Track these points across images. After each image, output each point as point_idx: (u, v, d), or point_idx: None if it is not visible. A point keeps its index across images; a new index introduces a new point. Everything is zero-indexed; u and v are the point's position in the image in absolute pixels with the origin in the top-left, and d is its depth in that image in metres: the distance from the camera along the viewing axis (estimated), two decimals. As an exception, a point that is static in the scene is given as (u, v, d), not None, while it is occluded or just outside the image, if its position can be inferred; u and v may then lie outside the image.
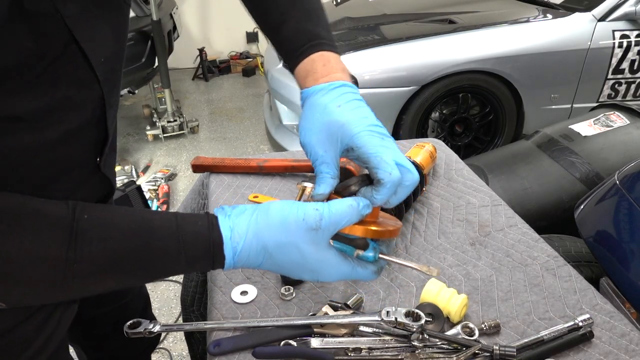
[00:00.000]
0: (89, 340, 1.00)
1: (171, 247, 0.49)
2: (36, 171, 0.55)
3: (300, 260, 0.51)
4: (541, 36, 2.82)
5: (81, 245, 0.45)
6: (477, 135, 3.01)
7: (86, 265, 0.46)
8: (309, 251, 0.51)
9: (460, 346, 0.68)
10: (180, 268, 0.52)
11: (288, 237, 0.50)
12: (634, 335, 0.71)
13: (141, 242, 0.49)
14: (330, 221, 0.51)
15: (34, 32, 0.46)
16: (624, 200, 1.19)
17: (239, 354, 0.70)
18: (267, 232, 0.51)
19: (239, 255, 0.50)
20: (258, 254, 0.51)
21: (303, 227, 0.50)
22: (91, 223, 0.47)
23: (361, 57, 2.72)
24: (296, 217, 0.50)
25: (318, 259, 0.51)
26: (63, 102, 0.53)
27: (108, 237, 0.47)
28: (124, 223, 0.49)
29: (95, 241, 0.46)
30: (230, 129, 3.95)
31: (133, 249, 0.48)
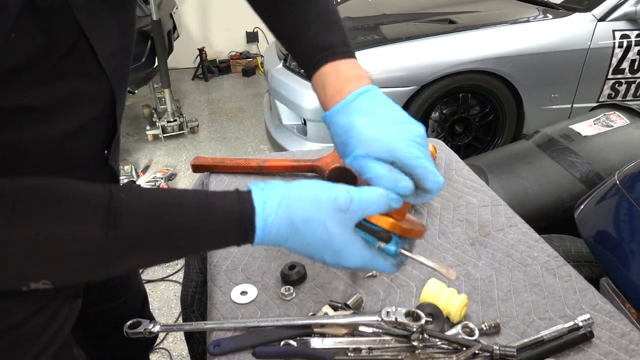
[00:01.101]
0: (89, 339, 1.00)
1: (204, 220, 0.51)
2: (47, 164, 0.56)
3: (326, 238, 0.52)
4: (541, 36, 2.82)
5: (118, 223, 0.47)
6: (477, 135, 3.01)
7: (125, 242, 0.48)
8: (336, 231, 0.52)
9: (460, 346, 0.68)
10: (215, 242, 0.53)
11: (317, 213, 0.51)
12: (634, 335, 0.71)
13: (175, 218, 0.50)
14: (359, 205, 0.52)
15: (46, 26, 0.47)
16: (624, 200, 1.19)
17: (239, 354, 0.70)
18: (298, 206, 0.51)
19: (269, 227, 0.51)
20: (287, 227, 0.51)
21: (333, 207, 0.51)
22: (128, 202, 0.48)
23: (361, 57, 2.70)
24: (327, 195, 0.52)
25: (342, 241, 0.52)
26: (74, 96, 0.54)
27: (144, 215, 0.49)
28: (159, 201, 0.51)
29: (133, 218, 0.48)
30: (230, 129, 3.95)
31: (168, 225, 0.50)
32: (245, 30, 5.40)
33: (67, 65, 0.51)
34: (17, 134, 0.50)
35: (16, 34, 0.44)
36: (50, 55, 0.49)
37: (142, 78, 3.53)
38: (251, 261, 0.89)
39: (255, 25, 5.23)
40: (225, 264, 0.89)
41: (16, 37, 0.44)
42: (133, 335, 0.78)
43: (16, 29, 0.44)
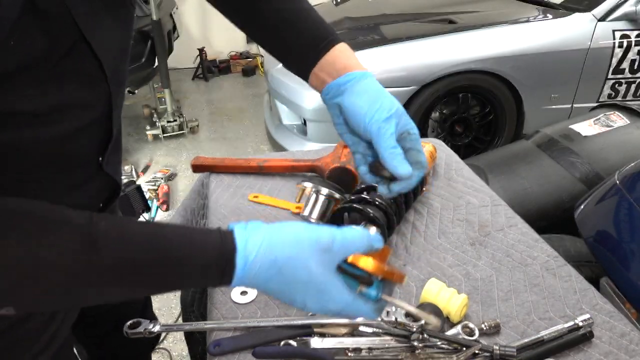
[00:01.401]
0: (90, 338, 1.00)
1: (184, 253, 0.50)
2: (45, 164, 0.56)
3: (308, 279, 0.51)
4: (541, 36, 2.82)
5: (97, 251, 0.45)
6: (477, 135, 3.01)
7: (101, 271, 0.46)
8: (318, 271, 0.51)
9: (460, 346, 0.68)
10: (193, 277, 0.52)
11: (300, 253, 0.51)
12: (634, 335, 0.71)
13: (154, 250, 0.49)
14: (342, 244, 0.52)
15: (45, 30, 0.47)
16: (624, 200, 1.19)
17: (239, 354, 0.70)
18: (280, 247, 0.51)
19: (250, 265, 0.50)
20: (269, 267, 0.51)
21: (315, 247, 0.51)
22: (107, 230, 0.47)
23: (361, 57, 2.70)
24: (310, 235, 0.52)
25: (324, 281, 0.52)
26: (72, 99, 0.54)
27: (123, 245, 0.47)
28: (138, 231, 0.49)
29: (111, 248, 0.46)
30: (230, 129, 3.95)
31: (146, 256, 0.48)
32: (245, 30, 5.40)
33: (67, 67, 0.51)
34: (15, 134, 0.50)
35: (16, 36, 0.44)
36: (49, 57, 0.49)
37: (142, 78, 3.53)
38: (251, 261, 0.89)
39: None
40: (225, 264, 0.89)
41: (16, 39, 0.44)
42: (133, 335, 0.78)
43: (15, 31, 0.44)
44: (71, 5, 0.49)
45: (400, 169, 0.61)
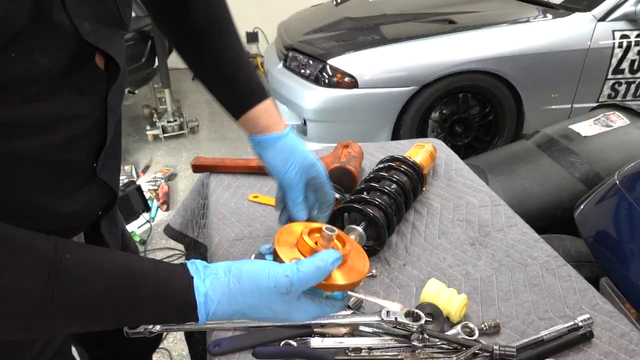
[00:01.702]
0: (90, 339, 1.00)
1: (148, 300, 0.50)
2: (36, 173, 0.56)
3: (272, 316, 0.55)
4: (541, 36, 2.82)
5: (59, 284, 0.44)
6: (477, 135, 3.01)
7: (61, 305, 0.45)
8: (280, 309, 0.55)
9: (460, 346, 0.68)
10: (152, 320, 0.55)
11: (260, 300, 0.53)
12: (634, 335, 0.71)
13: (120, 291, 0.49)
14: (300, 284, 0.54)
15: (49, 47, 0.48)
16: (624, 200, 1.19)
17: (239, 354, 0.70)
18: (240, 299, 0.53)
19: (211, 317, 0.53)
20: (232, 315, 0.54)
21: (274, 293, 0.54)
22: (72, 263, 0.46)
23: (361, 57, 2.72)
24: (267, 284, 0.53)
25: (289, 311, 0.56)
26: (69, 110, 0.55)
27: (87, 280, 0.46)
28: (106, 266, 0.49)
29: (74, 282, 0.45)
30: (230, 129, 3.95)
31: (110, 295, 0.48)
32: (245, 31, 5.39)
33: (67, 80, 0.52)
34: (8, 143, 0.50)
35: (16, 51, 0.45)
36: (51, 71, 0.50)
37: (142, 78, 3.53)
38: (251, 261, 0.89)
39: (255, 26, 5.23)
40: (225, 264, 0.89)
41: (17, 51, 0.45)
42: (133, 335, 0.78)
43: (18, 43, 0.45)
44: (78, 24, 0.51)
45: (299, 216, 0.77)
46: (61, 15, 0.49)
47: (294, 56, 2.91)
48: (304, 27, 3.27)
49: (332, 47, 2.82)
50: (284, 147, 0.77)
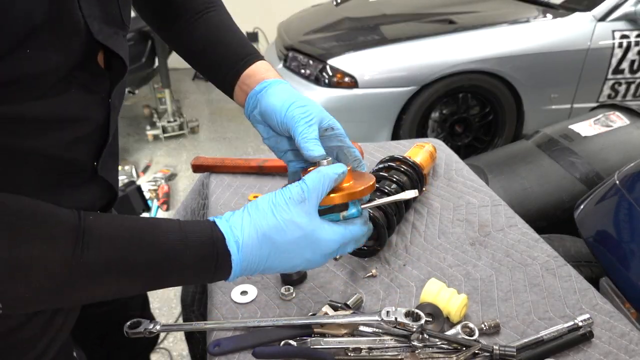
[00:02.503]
0: (88, 340, 1.00)
1: (177, 246, 0.50)
2: (40, 171, 0.56)
3: (300, 233, 0.53)
4: (541, 36, 2.82)
5: (87, 244, 0.45)
6: (477, 135, 3.01)
7: (92, 265, 0.46)
8: (305, 222, 0.54)
9: (460, 346, 0.68)
10: (187, 271, 0.52)
11: (282, 216, 0.53)
12: (634, 335, 0.71)
13: (147, 242, 0.49)
14: (312, 189, 0.54)
15: (62, 45, 0.49)
16: (624, 200, 1.19)
17: (239, 354, 0.70)
18: (263, 221, 0.53)
19: (242, 248, 0.52)
20: (262, 244, 0.53)
21: (292, 204, 0.54)
22: (97, 223, 0.47)
23: (361, 57, 2.72)
24: (283, 198, 0.54)
25: (315, 228, 0.54)
26: (73, 108, 0.55)
27: (114, 237, 0.48)
28: (129, 224, 0.50)
29: (102, 240, 0.46)
30: (230, 129, 3.95)
31: (139, 248, 0.49)
32: (245, 31, 5.39)
33: (73, 80, 0.53)
34: (15, 139, 0.50)
35: (30, 47, 0.45)
36: (61, 68, 0.51)
37: (142, 78, 3.53)
38: (251, 261, 0.89)
39: (255, 26, 5.23)
40: (225, 264, 0.89)
41: (33, 48, 0.46)
42: (133, 335, 0.78)
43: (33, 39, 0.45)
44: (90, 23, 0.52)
45: (313, 152, 0.60)
46: (77, 14, 0.50)
47: (294, 56, 2.91)
48: (304, 27, 3.28)
49: (332, 47, 2.82)
50: (284, 90, 0.67)
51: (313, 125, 0.62)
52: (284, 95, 0.65)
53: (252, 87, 0.69)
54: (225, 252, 0.52)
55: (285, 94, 0.66)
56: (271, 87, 0.67)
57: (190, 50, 0.78)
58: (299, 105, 0.63)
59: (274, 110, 0.65)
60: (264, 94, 0.67)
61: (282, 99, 0.65)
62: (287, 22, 3.53)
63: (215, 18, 0.76)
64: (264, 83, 0.68)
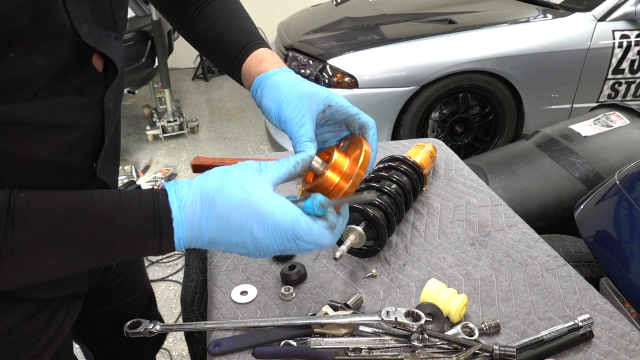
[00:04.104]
0: (93, 339, 1.01)
1: (115, 214, 0.48)
2: (36, 174, 0.56)
3: (245, 198, 0.50)
4: (541, 36, 2.82)
5: (16, 223, 0.45)
6: (477, 135, 3.01)
7: (25, 243, 0.45)
8: (252, 187, 0.51)
9: (460, 346, 0.68)
10: (129, 239, 0.50)
11: (231, 178, 0.51)
12: (634, 335, 0.71)
13: (82, 213, 0.48)
14: (270, 165, 0.53)
15: (48, 48, 0.48)
16: (624, 200, 1.19)
17: (239, 354, 0.70)
18: (210, 183, 0.51)
19: (184, 208, 0.50)
20: (204, 205, 0.50)
21: (244, 171, 0.52)
22: (29, 200, 0.46)
23: (361, 57, 2.72)
24: (237, 167, 0.53)
25: (262, 197, 0.51)
26: (66, 111, 0.55)
27: (47, 212, 0.46)
28: (65, 198, 0.48)
29: (33, 217, 0.45)
30: (230, 129, 3.95)
31: (73, 221, 0.47)
32: (245, 30, 5.39)
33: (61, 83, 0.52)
34: (9, 142, 0.50)
35: (15, 51, 0.45)
36: (48, 72, 0.50)
37: (142, 78, 3.53)
38: (251, 261, 0.89)
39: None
40: (225, 264, 0.89)
41: (16, 52, 0.45)
42: (133, 335, 0.78)
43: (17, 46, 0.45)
44: (78, 27, 0.51)
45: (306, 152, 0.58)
46: (62, 17, 0.49)
47: (294, 56, 2.91)
48: (304, 27, 3.27)
49: (332, 47, 2.82)
50: (276, 84, 0.64)
51: (305, 125, 0.60)
52: (274, 94, 0.63)
53: (253, 77, 0.68)
54: (167, 213, 0.49)
55: (275, 92, 0.63)
56: (263, 85, 0.65)
57: (198, 42, 0.77)
58: (287, 103, 0.61)
59: (269, 113, 0.64)
60: (259, 93, 0.66)
61: (274, 99, 0.63)
62: (287, 22, 3.53)
63: (221, 5, 0.75)
64: (257, 80, 0.66)
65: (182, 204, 0.50)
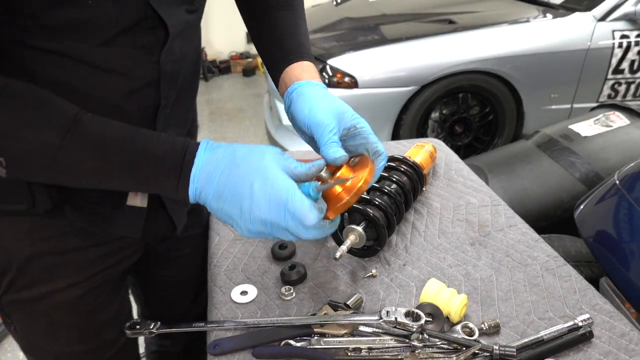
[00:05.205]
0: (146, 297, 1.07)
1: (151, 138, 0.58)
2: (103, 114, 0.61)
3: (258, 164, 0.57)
4: (541, 36, 2.82)
5: (79, 129, 0.55)
6: (477, 135, 3.01)
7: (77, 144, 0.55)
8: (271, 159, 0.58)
9: (460, 346, 0.68)
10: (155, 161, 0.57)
11: (257, 147, 0.60)
12: (634, 335, 0.71)
13: (126, 134, 0.57)
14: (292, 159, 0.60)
15: (122, 3, 0.57)
16: (624, 200, 1.19)
17: (239, 354, 0.70)
18: (240, 146, 0.59)
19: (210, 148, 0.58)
20: (226, 151, 0.58)
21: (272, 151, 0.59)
22: (91, 116, 0.56)
23: (361, 57, 2.72)
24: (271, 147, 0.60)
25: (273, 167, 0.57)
26: (130, 63, 0.62)
27: (100, 127, 0.56)
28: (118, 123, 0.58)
29: (89, 128, 0.55)
30: (230, 129, 3.95)
31: (118, 137, 0.57)
32: (245, 31, 5.39)
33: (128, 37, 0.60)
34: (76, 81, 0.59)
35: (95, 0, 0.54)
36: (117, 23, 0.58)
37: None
38: (251, 261, 0.89)
39: (255, 26, 5.23)
40: (225, 264, 0.89)
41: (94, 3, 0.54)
42: (133, 335, 0.78)
43: None
44: None
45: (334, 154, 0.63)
46: None
47: (294, 56, 2.90)
48: (304, 27, 3.27)
49: (332, 47, 2.82)
50: (311, 93, 0.70)
51: (335, 131, 0.65)
52: (310, 100, 0.68)
53: (287, 86, 0.73)
54: (193, 150, 0.58)
55: (312, 98, 0.68)
56: (301, 90, 0.71)
57: (257, 44, 0.83)
58: (321, 110, 0.66)
59: (298, 114, 0.68)
60: (294, 95, 0.71)
61: (308, 104, 0.68)
62: (287, 22, 3.53)
63: (285, 15, 0.80)
64: (297, 84, 0.72)
65: (209, 145, 0.59)
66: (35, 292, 0.74)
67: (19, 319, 0.78)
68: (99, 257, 0.77)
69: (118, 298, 0.86)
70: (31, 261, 0.72)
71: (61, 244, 0.73)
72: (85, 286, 0.77)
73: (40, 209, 0.66)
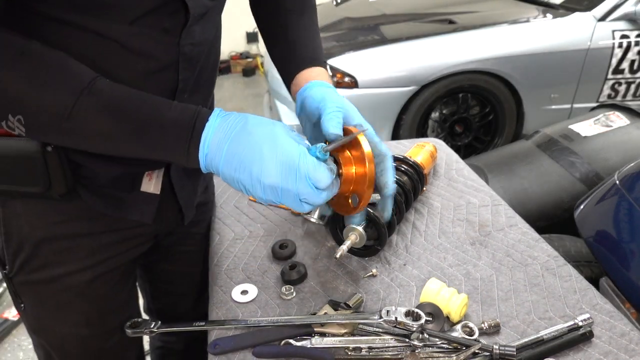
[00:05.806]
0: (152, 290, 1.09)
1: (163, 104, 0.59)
2: None
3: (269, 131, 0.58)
4: (541, 36, 2.82)
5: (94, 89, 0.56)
6: (477, 135, 3.01)
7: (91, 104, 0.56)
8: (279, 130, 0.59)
9: (460, 346, 0.68)
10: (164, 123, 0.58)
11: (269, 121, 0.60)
12: (634, 335, 0.71)
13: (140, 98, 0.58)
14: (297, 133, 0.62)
15: None
16: (624, 200, 1.19)
17: (239, 354, 0.70)
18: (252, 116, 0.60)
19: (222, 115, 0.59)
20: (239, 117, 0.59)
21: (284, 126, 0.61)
22: (108, 82, 0.58)
23: (361, 57, 2.72)
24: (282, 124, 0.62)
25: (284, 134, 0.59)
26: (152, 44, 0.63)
27: (115, 91, 0.58)
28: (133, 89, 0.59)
29: (105, 90, 0.57)
30: (230, 128, 3.95)
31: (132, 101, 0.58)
32: (245, 31, 5.40)
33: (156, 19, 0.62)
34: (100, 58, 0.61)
35: None
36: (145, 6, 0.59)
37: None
38: (252, 260, 0.89)
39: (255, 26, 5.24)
40: (225, 263, 0.89)
41: None
42: (133, 334, 0.78)
43: None
44: None
45: (332, 129, 0.65)
46: None
47: (294, 56, 2.91)
48: (304, 27, 3.27)
49: (332, 47, 2.82)
50: (323, 89, 0.73)
51: (340, 107, 0.68)
52: (321, 92, 0.72)
53: (303, 83, 0.76)
54: (204, 116, 0.58)
55: (322, 92, 0.72)
56: (316, 86, 0.74)
57: (269, 47, 0.86)
58: (334, 98, 0.70)
59: (312, 105, 0.71)
60: (306, 95, 0.74)
61: (320, 95, 0.72)
62: (287, 22, 3.53)
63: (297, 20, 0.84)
64: (312, 82, 0.75)
65: (221, 114, 0.59)
66: (46, 274, 0.76)
67: (29, 299, 0.80)
68: (110, 244, 0.79)
69: (126, 288, 0.88)
70: (43, 244, 0.73)
71: (73, 228, 0.74)
72: (95, 271, 0.79)
73: (56, 192, 0.67)
